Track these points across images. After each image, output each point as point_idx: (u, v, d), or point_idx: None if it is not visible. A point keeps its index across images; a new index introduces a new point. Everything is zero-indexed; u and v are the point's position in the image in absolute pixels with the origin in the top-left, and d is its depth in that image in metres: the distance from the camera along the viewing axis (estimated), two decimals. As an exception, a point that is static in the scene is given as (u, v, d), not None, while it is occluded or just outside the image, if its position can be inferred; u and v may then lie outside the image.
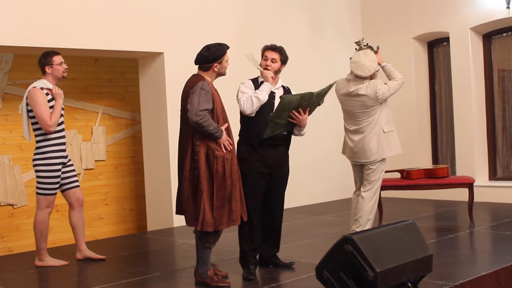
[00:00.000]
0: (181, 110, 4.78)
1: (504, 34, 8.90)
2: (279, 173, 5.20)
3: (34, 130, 5.59)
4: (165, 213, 7.75)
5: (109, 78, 8.42)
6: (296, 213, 8.29)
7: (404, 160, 9.00)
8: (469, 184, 6.95)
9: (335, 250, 4.03)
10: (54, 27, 6.79)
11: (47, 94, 5.55)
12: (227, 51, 4.80)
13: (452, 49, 9.08)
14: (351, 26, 10.05)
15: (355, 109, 5.94)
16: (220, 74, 4.83)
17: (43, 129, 5.50)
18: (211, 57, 4.72)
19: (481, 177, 8.82)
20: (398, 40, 9.61)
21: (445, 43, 9.46)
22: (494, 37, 8.99)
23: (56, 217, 7.61)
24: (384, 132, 5.90)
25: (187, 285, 4.88)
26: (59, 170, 5.59)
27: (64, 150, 5.66)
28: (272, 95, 5.11)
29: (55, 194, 5.64)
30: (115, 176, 8.44)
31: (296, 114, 5.03)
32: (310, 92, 5.03)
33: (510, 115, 8.92)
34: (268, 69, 5.11)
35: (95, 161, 8.12)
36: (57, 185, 5.63)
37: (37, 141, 5.58)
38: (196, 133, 4.59)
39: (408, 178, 7.04)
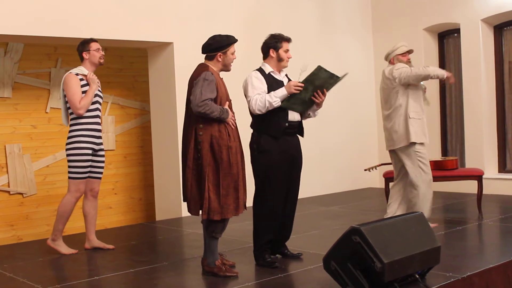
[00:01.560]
0: (186, 99, 4.80)
1: (516, 26, 8.84)
2: (298, 162, 5.22)
3: (70, 115, 5.68)
4: (173, 203, 7.78)
5: (119, 68, 8.43)
6: (305, 204, 8.29)
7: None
8: (478, 177, 6.93)
9: (343, 241, 4.03)
10: (63, 17, 6.80)
11: (81, 79, 5.62)
12: (235, 44, 4.79)
13: (462, 40, 9.02)
14: (361, 17, 10.02)
15: (383, 92, 6.19)
16: (225, 66, 4.80)
17: (73, 112, 5.58)
18: (215, 45, 4.72)
19: (490, 170, 8.80)
20: (408, 31, 9.56)
21: (455, 35, 9.41)
22: (505, 28, 8.93)
23: (65, 206, 7.64)
24: (410, 118, 5.99)
25: (195, 274, 4.89)
26: (87, 154, 5.61)
27: (96, 137, 5.68)
28: (281, 84, 5.09)
29: (83, 179, 5.67)
30: (124, 165, 8.46)
31: (320, 94, 5.02)
32: (337, 76, 5.00)
33: (521, 108, 8.88)
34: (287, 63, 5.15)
35: (104, 150, 8.13)
36: (86, 170, 5.65)
37: (70, 125, 5.67)
38: (199, 123, 4.60)
39: (417, 170, 7.01)
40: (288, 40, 5.16)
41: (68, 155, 5.63)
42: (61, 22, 6.78)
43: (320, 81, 4.99)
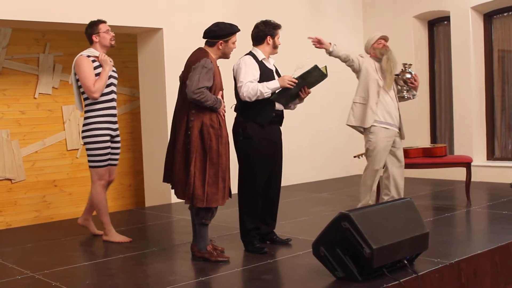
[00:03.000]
0: (180, 82, 4.78)
1: (505, 14, 8.85)
2: (280, 150, 5.26)
3: (84, 100, 5.45)
4: (163, 189, 7.76)
5: (108, 53, 8.33)
6: (294, 191, 8.32)
7: (402, 139, 9.00)
8: (466, 164, 6.96)
9: (332, 227, 4.04)
10: (52, 2, 6.74)
11: (93, 61, 5.40)
12: (237, 33, 4.79)
13: (452, 28, 9.04)
14: (352, 5, 10.00)
15: None
16: (224, 55, 4.81)
17: (88, 96, 5.35)
18: (218, 33, 4.70)
19: (479, 157, 8.84)
20: (398, 18, 9.56)
21: (445, 22, 9.42)
22: (495, 16, 8.95)
23: (54, 192, 7.63)
24: (353, 103, 6.22)
25: (184, 260, 4.90)
26: (106, 141, 5.39)
27: (112, 122, 5.45)
28: (272, 73, 5.12)
29: (105, 166, 5.45)
30: (113, 152, 8.43)
31: (307, 90, 5.13)
32: (326, 75, 5.10)
33: (509, 96, 8.92)
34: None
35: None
36: (106, 157, 5.43)
37: (85, 112, 5.44)
38: (192, 107, 4.60)
39: (406, 157, 7.02)
40: (281, 27, 5.22)
41: (86, 143, 5.40)
42: (50, 7, 6.72)
43: (311, 79, 5.09)
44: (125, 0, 7.30)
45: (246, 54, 5.14)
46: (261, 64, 5.08)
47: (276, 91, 5.01)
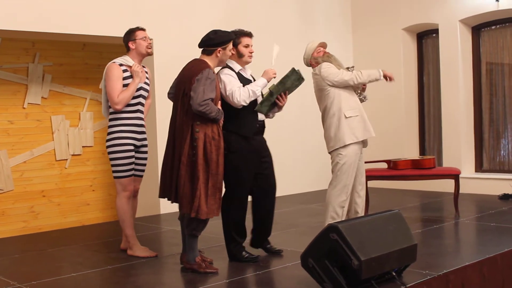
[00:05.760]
0: (181, 95, 4.68)
1: (493, 27, 8.93)
2: (268, 158, 5.23)
3: (109, 107, 5.32)
4: (151, 200, 7.75)
5: (97, 63, 8.35)
6: (284, 202, 8.32)
7: (391, 150, 9.07)
8: (455, 176, 7.00)
9: (320, 238, 4.05)
10: (42, 11, 6.74)
11: (125, 70, 5.27)
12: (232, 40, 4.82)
13: (441, 41, 9.11)
14: (341, 17, 10.06)
15: (315, 93, 5.75)
16: (221, 62, 4.83)
17: (110, 106, 5.24)
18: (217, 40, 4.71)
19: (467, 169, 8.89)
20: (387, 31, 9.63)
21: (434, 35, 9.50)
22: (483, 29, 9.03)
23: (42, 202, 7.59)
24: (346, 117, 5.49)
25: (173, 271, 4.89)
26: (129, 150, 5.26)
27: (138, 133, 5.32)
28: (250, 82, 5.09)
29: (128, 177, 5.31)
30: (102, 162, 8.40)
31: (284, 96, 5.11)
32: (303, 78, 5.11)
33: (497, 108, 8.98)
34: (250, 59, 5.13)
35: (83, 147, 8.08)
36: (129, 167, 5.29)
37: (109, 120, 5.32)
38: (196, 120, 4.58)
39: (395, 169, 7.08)
40: (247, 34, 5.11)
41: (109, 153, 5.29)
42: (39, 17, 6.71)
43: (289, 83, 5.09)
44: (115, 10, 7.30)
45: (224, 67, 5.04)
46: (238, 75, 5.03)
47: (258, 101, 5.03)
